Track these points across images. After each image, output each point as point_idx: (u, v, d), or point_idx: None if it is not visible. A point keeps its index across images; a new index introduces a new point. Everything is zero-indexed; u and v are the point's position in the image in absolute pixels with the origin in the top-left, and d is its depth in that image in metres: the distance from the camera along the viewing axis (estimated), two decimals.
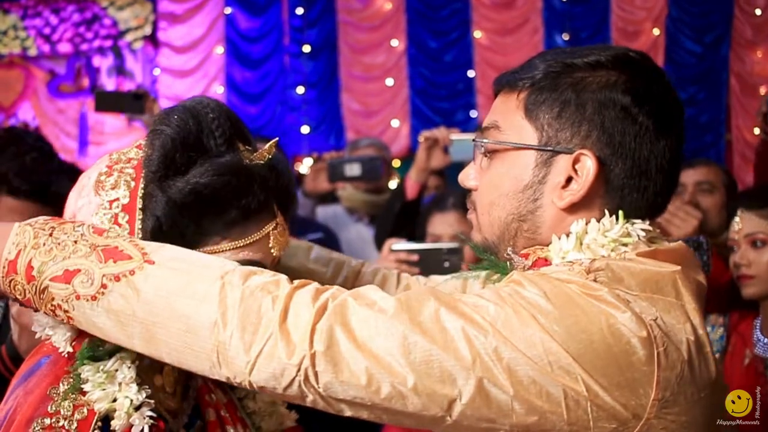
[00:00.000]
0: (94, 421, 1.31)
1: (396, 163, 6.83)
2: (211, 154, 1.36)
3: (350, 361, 1.14)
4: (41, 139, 2.35)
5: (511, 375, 1.12)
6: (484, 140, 1.38)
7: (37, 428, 1.28)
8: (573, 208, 1.31)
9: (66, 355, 1.36)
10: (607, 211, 1.30)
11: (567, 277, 1.20)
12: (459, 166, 3.86)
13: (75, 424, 1.30)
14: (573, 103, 1.30)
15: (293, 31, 8.71)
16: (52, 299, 1.25)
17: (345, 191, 4.25)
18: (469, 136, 3.42)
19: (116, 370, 1.34)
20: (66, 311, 1.25)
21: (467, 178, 1.43)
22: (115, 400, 1.32)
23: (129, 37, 8.92)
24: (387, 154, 4.52)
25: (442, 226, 2.99)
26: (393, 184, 4.40)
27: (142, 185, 1.36)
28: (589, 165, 1.28)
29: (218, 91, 8.78)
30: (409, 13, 8.52)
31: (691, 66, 8.26)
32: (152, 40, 8.93)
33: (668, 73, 1.38)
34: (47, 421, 1.29)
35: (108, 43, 8.97)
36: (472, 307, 1.17)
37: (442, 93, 8.54)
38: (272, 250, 1.41)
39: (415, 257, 2.73)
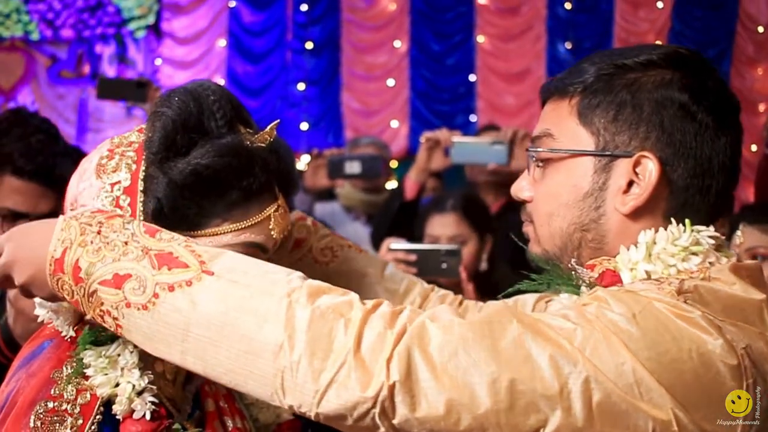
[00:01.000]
0: (97, 405, 1.31)
1: (393, 164, 6.82)
2: (212, 136, 1.36)
3: (429, 391, 1.07)
4: (47, 122, 2.36)
5: (599, 405, 1.07)
6: (539, 149, 1.34)
7: (40, 411, 1.28)
8: (637, 214, 1.26)
9: (69, 339, 1.36)
10: (673, 220, 1.26)
11: (657, 296, 1.14)
12: (458, 168, 3.89)
13: (78, 408, 1.30)
14: (629, 104, 1.26)
15: (297, 27, 8.71)
16: (101, 304, 1.18)
17: (343, 189, 4.25)
18: (470, 140, 3.44)
19: (118, 355, 1.34)
20: (115, 318, 1.18)
21: (521, 190, 1.39)
22: (117, 385, 1.32)
23: (132, 26, 8.90)
24: (387, 154, 4.52)
25: (441, 227, 2.99)
26: (390, 184, 4.41)
27: (143, 167, 1.35)
28: (651, 167, 1.24)
29: (219, 83, 8.75)
30: (413, 14, 8.52)
31: None
32: (155, 29, 8.91)
33: None
34: (50, 404, 1.29)
35: (111, 30, 8.95)
36: (557, 330, 1.10)
37: (443, 96, 8.54)
38: (272, 232, 1.41)
39: (412, 257, 2.73)
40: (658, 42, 8.22)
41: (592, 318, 1.11)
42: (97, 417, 1.30)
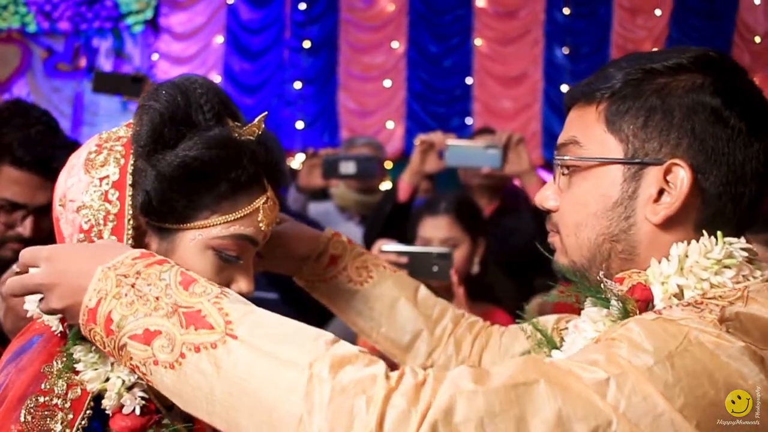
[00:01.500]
0: (87, 400, 1.31)
1: (388, 165, 6.82)
2: (200, 129, 1.36)
3: None
4: (47, 114, 2.36)
5: None
6: (565, 157, 1.31)
7: (30, 405, 1.28)
8: (668, 223, 1.22)
9: (59, 334, 1.36)
10: (705, 232, 1.21)
11: (698, 326, 1.08)
12: (451, 171, 3.88)
13: (69, 403, 1.31)
14: (659, 110, 1.23)
15: (294, 25, 8.70)
16: (131, 358, 1.16)
17: (337, 190, 4.24)
18: (464, 143, 3.43)
19: (98, 356, 1.34)
20: (143, 373, 1.16)
21: (546, 199, 1.36)
22: (107, 380, 1.32)
23: (130, 20, 8.88)
24: (382, 155, 4.52)
25: (433, 229, 2.99)
26: (384, 185, 4.40)
27: (132, 161, 1.36)
28: (682, 175, 1.20)
29: (215, 80, 8.74)
30: (411, 15, 8.53)
31: None
32: (153, 25, 8.90)
33: None
34: (41, 399, 1.29)
35: (108, 24, 8.93)
36: (588, 384, 1.03)
37: (439, 98, 8.55)
38: (261, 224, 1.41)
39: (404, 259, 2.73)
40: (656, 50, 8.23)
41: (624, 364, 1.05)
42: (88, 412, 1.30)
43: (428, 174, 3.48)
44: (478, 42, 8.48)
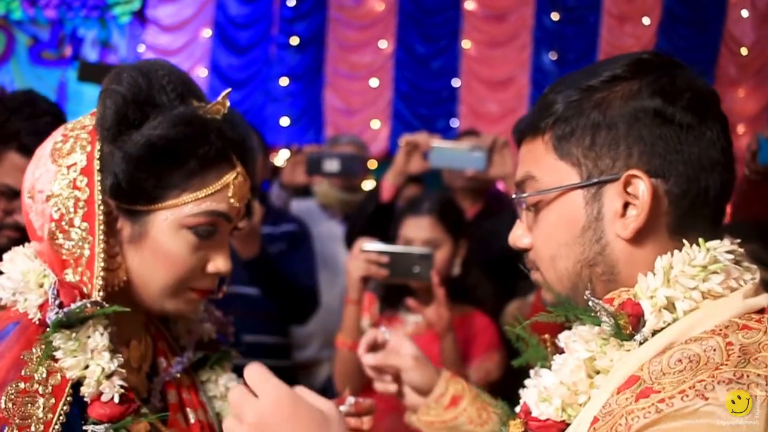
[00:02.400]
0: (68, 387, 1.30)
1: (372, 164, 6.81)
2: (164, 109, 1.37)
3: None
4: (56, 106, 2.39)
5: None
6: (524, 195, 1.29)
7: (11, 392, 1.26)
8: (641, 235, 1.19)
9: (36, 322, 1.34)
10: (686, 241, 1.17)
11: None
12: (435, 173, 3.88)
13: (50, 389, 1.29)
14: (603, 125, 1.20)
15: (283, 21, 8.68)
16: None
17: (320, 187, 4.23)
18: (449, 145, 3.43)
19: (88, 338, 1.33)
20: None
21: (518, 239, 1.34)
22: (86, 368, 1.31)
23: (117, 11, 8.84)
24: (366, 154, 4.51)
25: (415, 229, 2.98)
26: (367, 185, 4.40)
27: (98, 147, 1.36)
28: (641, 185, 1.17)
29: (202, 74, 8.72)
30: (400, 15, 8.52)
31: None
32: (140, 16, 8.86)
33: None
34: (21, 384, 1.28)
35: (95, 14, 8.88)
36: None
37: (426, 99, 8.55)
38: (232, 200, 1.42)
39: (385, 259, 2.73)
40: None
41: None
42: (68, 398, 1.29)
43: (412, 174, 3.48)
44: (466, 44, 8.48)
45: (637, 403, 1.04)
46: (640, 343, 1.14)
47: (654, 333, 1.14)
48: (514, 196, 1.33)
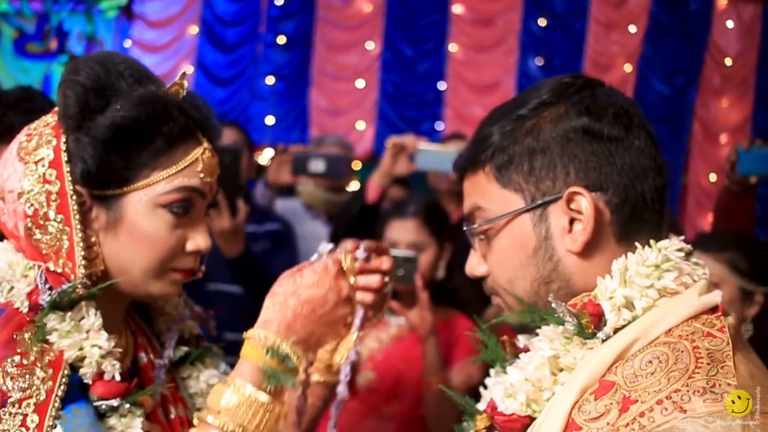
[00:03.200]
0: (64, 362, 1.31)
1: (357, 165, 6.81)
2: (124, 93, 1.39)
3: None
4: (53, 104, 2.38)
5: None
6: (474, 226, 1.35)
7: (8, 368, 1.28)
8: (590, 246, 1.26)
9: (25, 310, 1.35)
10: (637, 244, 1.25)
11: None
12: (422, 175, 3.89)
13: (46, 362, 1.30)
14: (538, 151, 1.27)
15: (270, 20, 8.66)
16: None
17: (305, 187, 4.24)
18: (435, 147, 3.45)
19: (82, 319, 1.34)
20: None
21: (474, 268, 1.39)
22: (81, 349, 1.33)
23: (103, 5, 8.78)
24: (351, 155, 4.52)
25: (400, 232, 2.98)
26: (352, 185, 4.40)
27: (64, 139, 1.39)
28: (583, 200, 1.24)
29: (188, 71, 8.65)
30: (388, 17, 8.52)
31: (658, 106, 8.37)
32: (127, 11, 8.81)
33: None
34: (17, 358, 1.29)
35: (81, 8, 8.83)
36: None
37: (411, 101, 8.55)
38: (201, 175, 1.44)
39: None
40: (628, 65, 8.32)
41: None
42: (65, 371, 1.30)
43: (398, 176, 3.49)
44: (453, 48, 8.49)
45: (621, 419, 1.09)
46: (603, 341, 1.21)
47: (616, 331, 1.21)
48: (464, 228, 1.38)
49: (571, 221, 1.26)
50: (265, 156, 6.92)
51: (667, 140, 8.42)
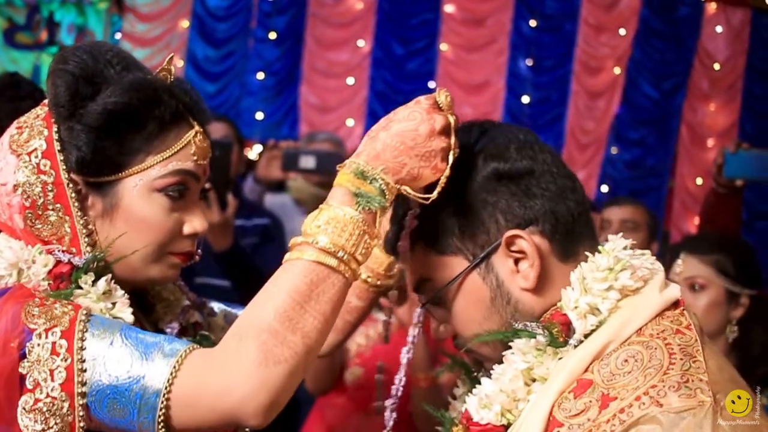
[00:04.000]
0: (80, 310, 1.31)
1: None
2: (113, 80, 1.41)
3: None
4: (40, 91, 2.38)
5: None
6: (427, 299, 1.37)
7: (30, 308, 1.29)
8: (541, 278, 1.29)
9: (47, 287, 1.37)
10: (588, 253, 1.30)
11: None
12: None
13: (65, 303, 1.32)
14: (461, 210, 1.31)
15: (261, 15, 8.64)
16: None
17: (295, 183, 4.24)
18: None
19: (109, 290, 1.38)
20: None
21: (442, 335, 1.41)
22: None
23: None
24: (342, 151, 4.52)
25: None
26: None
27: (55, 129, 1.40)
28: (521, 241, 1.28)
29: (178, 64, 8.66)
30: (379, 15, 8.52)
31: (646, 109, 8.41)
32: (118, 3, 8.78)
33: (623, 114, 1.40)
34: (37, 301, 1.31)
35: None
36: None
37: (401, 99, 8.28)
38: (194, 158, 1.46)
39: None
40: (617, 68, 8.35)
41: None
42: (84, 311, 1.31)
43: None
44: (443, 47, 8.50)
45: (601, 415, 1.14)
46: (575, 347, 1.25)
47: (587, 336, 1.25)
48: (420, 301, 1.41)
49: (516, 261, 1.29)
50: (255, 151, 6.91)
51: (654, 143, 8.47)
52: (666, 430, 1.09)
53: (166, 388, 1.24)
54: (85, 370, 1.25)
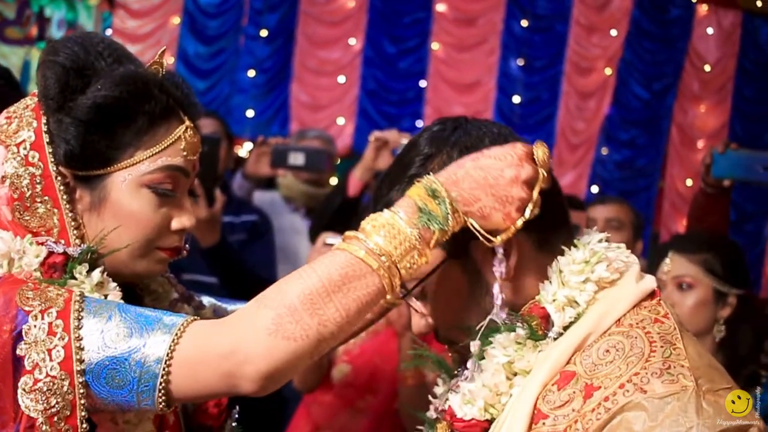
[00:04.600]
0: (73, 294, 1.30)
1: (335, 161, 6.81)
2: (104, 72, 1.40)
3: None
4: (9, 71, 2.36)
5: None
6: (408, 292, 1.35)
7: (25, 292, 1.29)
8: (519, 265, 1.30)
9: (39, 274, 1.36)
10: (564, 247, 1.31)
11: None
12: None
13: (63, 290, 1.31)
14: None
15: (253, 13, 8.62)
16: None
17: (285, 180, 4.23)
18: None
19: (102, 281, 1.38)
20: None
21: (422, 328, 1.41)
22: None
23: None
24: (332, 149, 4.51)
25: None
26: (331, 181, 4.40)
27: (44, 120, 1.39)
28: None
29: (168, 61, 8.63)
30: (371, 14, 8.51)
31: (637, 110, 8.44)
32: None
33: (613, 114, 1.41)
34: (30, 285, 1.31)
35: None
36: None
37: (392, 98, 8.55)
38: (184, 153, 1.45)
39: None
40: (608, 69, 8.37)
41: None
42: (78, 294, 1.31)
43: (380, 171, 3.49)
44: (435, 46, 8.50)
45: (586, 405, 1.16)
46: (555, 339, 1.27)
47: (566, 328, 1.27)
48: (402, 294, 1.38)
49: (493, 250, 1.28)
50: (245, 148, 6.90)
51: (645, 144, 8.50)
52: (651, 416, 1.10)
53: (167, 354, 1.23)
54: (82, 348, 1.25)
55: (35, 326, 1.25)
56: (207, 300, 1.76)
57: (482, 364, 1.29)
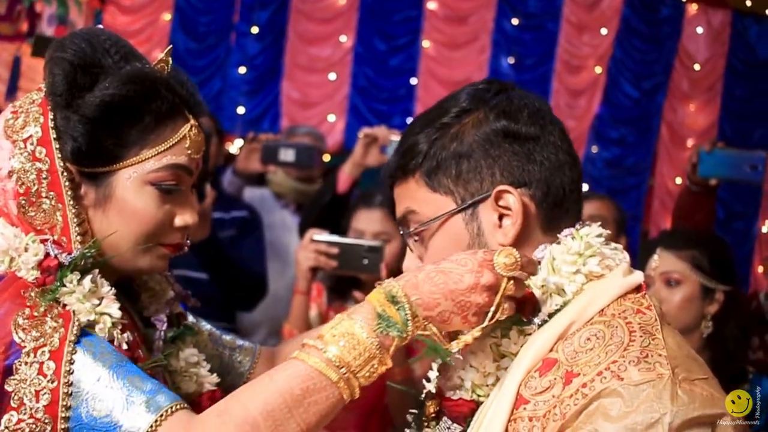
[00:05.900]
0: (72, 315, 1.31)
1: (326, 158, 6.81)
2: (111, 70, 1.41)
3: None
4: None
5: None
6: (409, 229, 1.40)
7: (19, 320, 1.29)
8: (519, 239, 1.33)
9: (33, 279, 1.37)
10: (560, 235, 1.34)
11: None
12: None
13: (56, 314, 1.32)
14: (464, 155, 1.34)
15: (244, 9, 8.61)
16: None
17: (275, 176, 4.23)
18: None
19: (95, 288, 1.37)
20: None
21: (415, 268, 1.41)
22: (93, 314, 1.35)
23: None
24: (323, 146, 4.52)
25: (367, 222, 3.00)
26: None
27: (51, 116, 1.40)
28: (510, 197, 1.32)
29: (159, 57, 8.60)
30: (362, 11, 8.51)
31: (627, 108, 8.46)
32: None
33: (603, 113, 1.43)
34: (27, 311, 1.31)
35: None
36: None
37: (383, 95, 8.55)
38: (189, 152, 1.47)
39: (335, 250, 2.74)
40: (599, 67, 8.39)
41: None
42: (76, 320, 1.31)
43: (369, 167, 3.50)
44: (425, 44, 8.50)
45: (565, 390, 1.19)
46: (539, 326, 1.30)
47: (551, 315, 1.30)
48: (400, 231, 1.43)
49: (500, 217, 1.33)
50: (236, 145, 6.89)
51: (634, 143, 8.52)
52: (627, 402, 1.13)
53: None
54: (70, 395, 1.25)
55: (27, 363, 1.26)
56: (206, 326, 1.79)
57: (471, 347, 1.32)
